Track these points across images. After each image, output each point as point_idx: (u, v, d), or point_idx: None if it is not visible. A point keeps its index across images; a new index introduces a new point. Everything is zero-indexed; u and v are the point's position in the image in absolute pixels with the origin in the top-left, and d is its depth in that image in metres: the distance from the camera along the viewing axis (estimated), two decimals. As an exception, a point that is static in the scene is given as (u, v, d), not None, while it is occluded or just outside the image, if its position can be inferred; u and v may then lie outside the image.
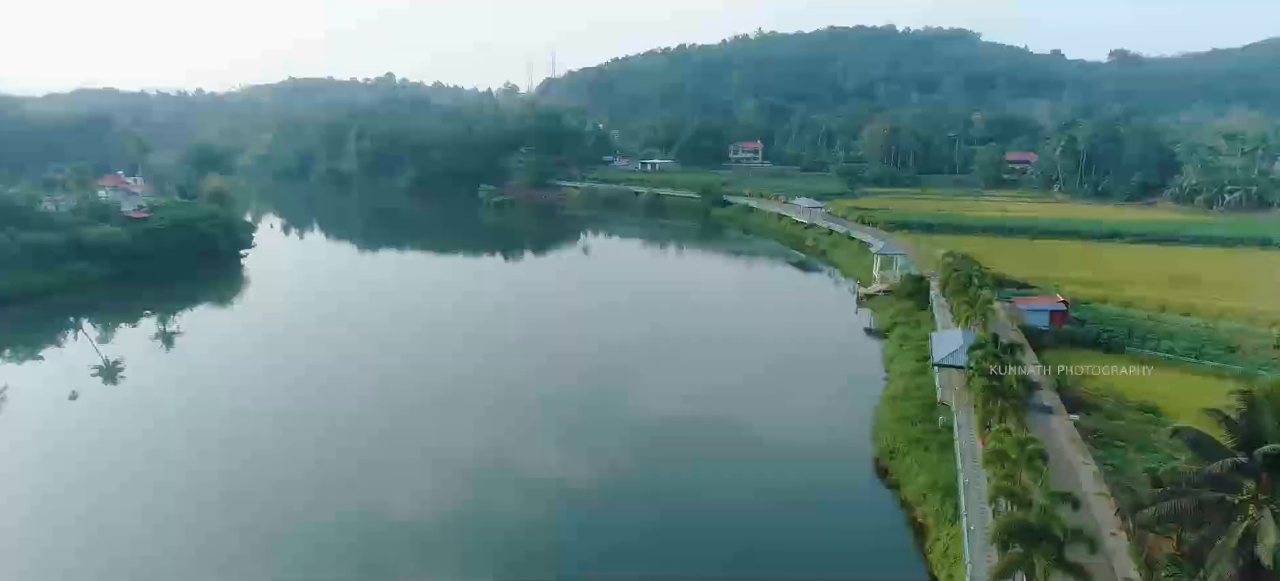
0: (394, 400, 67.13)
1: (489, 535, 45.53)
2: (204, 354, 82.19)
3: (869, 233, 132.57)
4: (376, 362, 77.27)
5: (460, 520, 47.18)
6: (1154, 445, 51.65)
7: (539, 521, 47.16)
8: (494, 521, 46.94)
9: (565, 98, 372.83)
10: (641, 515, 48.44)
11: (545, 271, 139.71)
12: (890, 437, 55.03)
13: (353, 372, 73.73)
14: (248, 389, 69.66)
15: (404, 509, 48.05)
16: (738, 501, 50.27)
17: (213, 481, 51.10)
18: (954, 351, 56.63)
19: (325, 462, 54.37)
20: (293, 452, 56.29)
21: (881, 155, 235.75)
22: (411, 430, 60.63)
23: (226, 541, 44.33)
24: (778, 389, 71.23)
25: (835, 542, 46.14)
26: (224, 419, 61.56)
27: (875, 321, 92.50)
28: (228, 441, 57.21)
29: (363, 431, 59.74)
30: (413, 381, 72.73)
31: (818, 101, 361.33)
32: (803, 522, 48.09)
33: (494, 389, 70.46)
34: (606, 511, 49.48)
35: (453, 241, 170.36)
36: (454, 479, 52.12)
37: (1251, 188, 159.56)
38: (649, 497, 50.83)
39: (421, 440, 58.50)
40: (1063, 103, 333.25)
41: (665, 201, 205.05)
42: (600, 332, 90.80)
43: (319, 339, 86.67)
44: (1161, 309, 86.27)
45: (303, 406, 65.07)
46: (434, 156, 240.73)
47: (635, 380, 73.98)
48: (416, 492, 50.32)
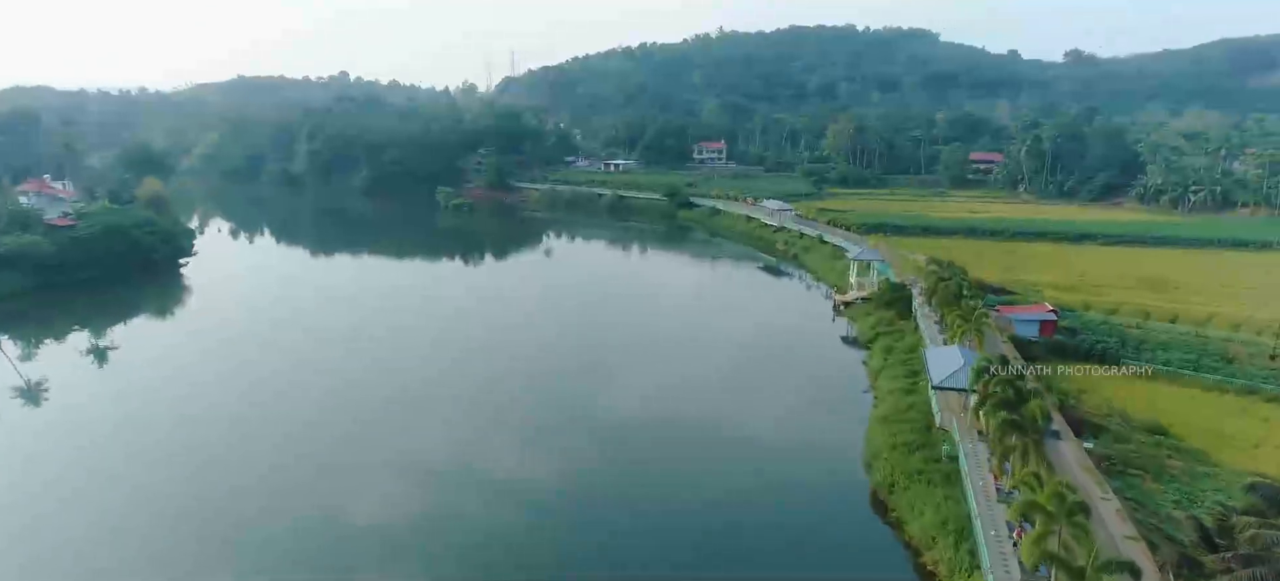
0: (350, 406, 64.55)
1: (454, 538, 44.54)
2: (141, 368, 76.00)
3: (841, 236, 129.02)
4: (330, 369, 73.96)
5: (424, 524, 45.91)
6: (1170, 472, 48.24)
7: (504, 530, 45.72)
8: (458, 524, 46.08)
9: (525, 97, 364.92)
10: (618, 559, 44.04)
11: (506, 277, 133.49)
12: (887, 467, 50.62)
13: (305, 380, 70.73)
14: (191, 401, 65.43)
15: (365, 513, 46.81)
16: (726, 537, 45.79)
17: (159, 494, 48.99)
18: (954, 372, 52.43)
19: (279, 470, 52.39)
20: (243, 461, 53.96)
21: (847, 155, 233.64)
22: (369, 435, 58.52)
23: (178, 552, 42.96)
24: (758, 407, 66.80)
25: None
26: (166, 433, 58.47)
27: (855, 330, 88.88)
28: (172, 454, 54.54)
29: (318, 438, 57.84)
30: (370, 387, 69.56)
31: (779, 101, 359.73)
32: (797, 559, 43.55)
33: (454, 395, 68.24)
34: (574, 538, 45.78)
35: (410, 245, 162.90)
36: (416, 483, 50.78)
37: (1216, 188, 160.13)
38: (623, 535, 46.20)
39: (380, 445, 56.57)
40: (1021, 102, 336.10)
41: (629, 203, 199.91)
42: (566, 343, 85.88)
43: (267, 348, 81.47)
44: (1146, 316, 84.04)
45: (252, 416, 62.03)
46: (389, 157, 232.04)
47: (605, 397, 68.93)
48: (377, 497, 48.95)
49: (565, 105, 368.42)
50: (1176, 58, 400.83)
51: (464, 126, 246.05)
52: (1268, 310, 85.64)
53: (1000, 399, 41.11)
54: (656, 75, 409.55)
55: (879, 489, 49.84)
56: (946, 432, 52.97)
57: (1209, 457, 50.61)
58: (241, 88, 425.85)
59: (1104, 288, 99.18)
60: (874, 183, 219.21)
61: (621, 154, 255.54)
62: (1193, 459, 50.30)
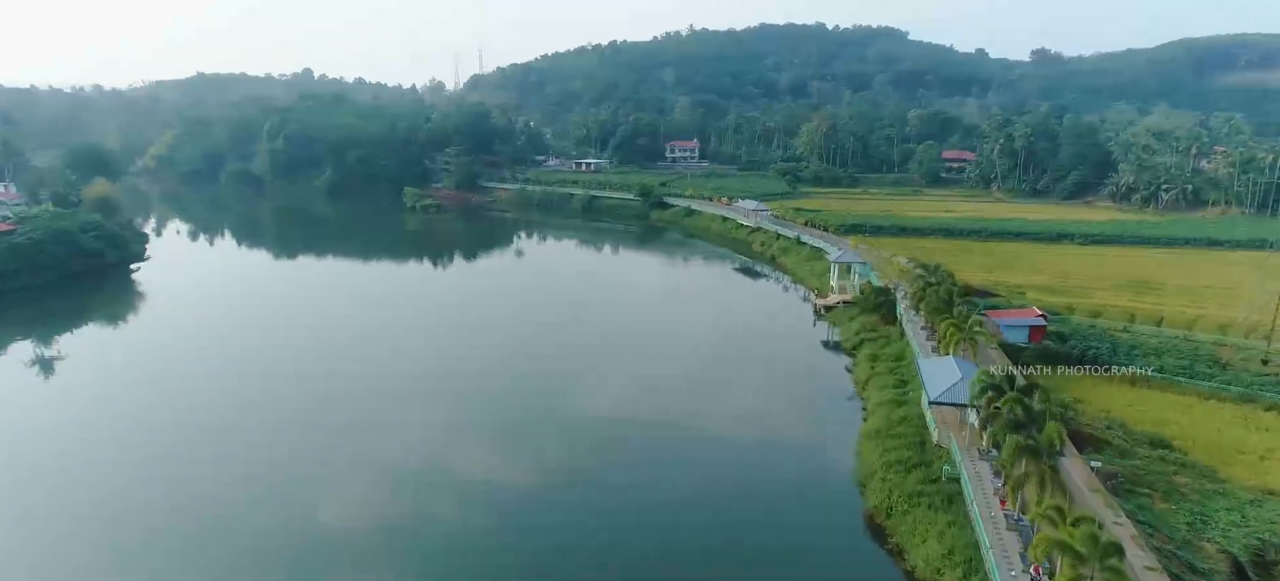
0: (316, 411, 63.21)
1: (423, 542, 44.03)
2: (89, 378, 72.74)
3: (819, 237, 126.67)
4: (295, 375, 72.45)
5: (392, 528, 45.13)
6: (1179, 490, 45.95)
7: (473, 534, 45.46)
8: (428, 529, 45.60)
9: (494, 95, 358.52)
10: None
11: (477, 280, 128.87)
12: (883, 488, 47.79)
13: (268, 387, 68.98)
14: (145, 410, 63.18)
15: (332, 519, 46.13)
16: (718, 561, 43.23)
17: (115, 506, 47.41)
18: (952, 386, 49.68)
19: (242, 479, 50.83)
20: (204, 469, 52.18)
21: (820, 154, 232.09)
22: (336, 440, 57.29)
23: (137, 564, 41.74)
24: (741, 418, 64.00)
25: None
26: (119, 443, 56.59)
27: (838, 335, 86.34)
28: (127, 465, 53.05)
29: (283, 445, 56.50)
30: (336, 391, 68.03)
31: (751, 99, 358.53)
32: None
33: (422, 400, 67.02)
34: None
35: (376, 247, 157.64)
36: (384, 487, 50.00)
37: (1187, 186, 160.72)
38: (600, 553, 44.10)
39: (348, 450, 55.62)
40: (990, 101, 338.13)
41: (602, 204, 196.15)
42: (537, 352, 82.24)
43: (226, 356, 78.28)
44: (1131, 318, 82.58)
45: (212, 423, 60.22)
46: (354, 156, 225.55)
47: (579, 410, 65.74)
48: (345, 502, 48.03)
49: (535, 103, 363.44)
50: (1139, 57, 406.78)
51: (431, 125, 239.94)
52: (1251, 312, 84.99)
53: (1011, 420, 38.23)
54: (627, 73, 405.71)
55: (876, 512, 46.93)
56: (944, 450, 50.35)
57: (1217, 473, 48.49)
58: (201, 85, 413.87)
59: (1087, 289, 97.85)
60: (847, 181, 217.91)
61: (593, 153, 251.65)
62: (1200, 474, 48.12)
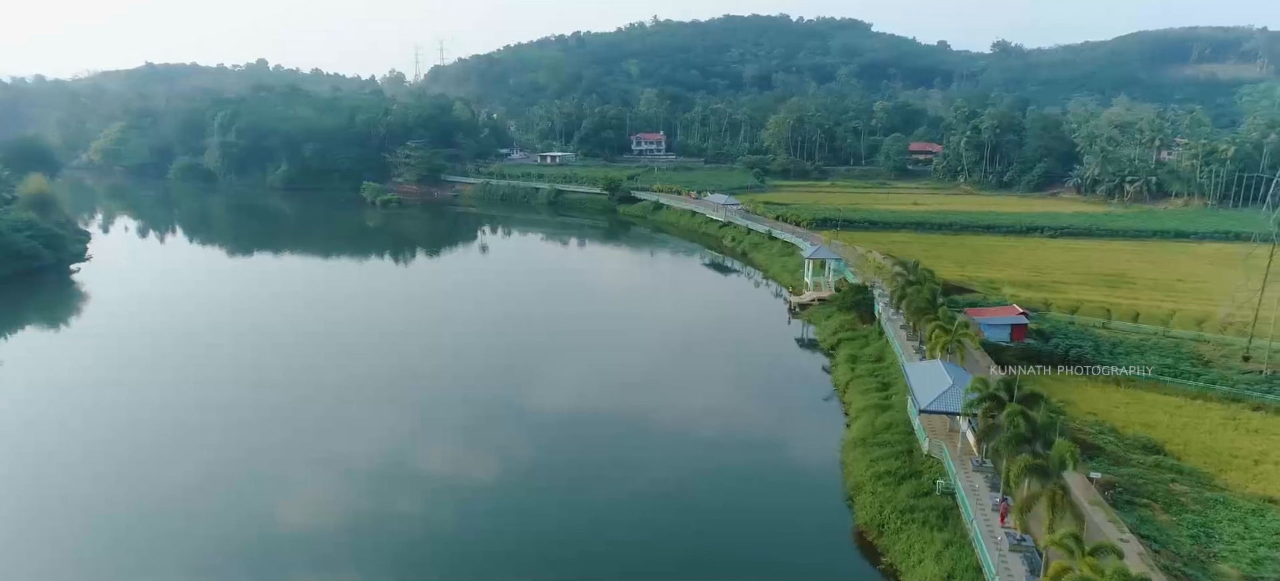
0: (275, 409, 62.15)
1: (388, 542, 43.21)
2: (23, 383, 68.96)
3: (791, 232, 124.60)
4: (254, 374, 70.72)
5: (358, 528, 44.45)
6: (1178, 499, 44.10)
7: (438, 532, 45.06)
8: (395, 527, 44.80)
9: (456, 87, 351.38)
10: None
11: (441, 279, 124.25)
12: (873, 502, 45.29)
13: (222, 390, 66.65)
14: (89, 415, 61.07)
15: (296, 520, 45.30)
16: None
17: (63, 513, 45.93)
18: (943, 393, 47.24)
19: (198, 482, 49.55)
20: (158, 473, 51.01)
21: (788, 146, 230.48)
22: (298, 439, 56.49)
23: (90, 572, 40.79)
24: (718, 424, 61.84)
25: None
26: (63, 448, 54.63)
27: (813, 333, 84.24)
28: (75, 469, 51.28)
29: (242, 445, 55.14)
30: (295, 390, 66.83)
31: (716, 91, 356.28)
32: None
33: (386, 397, 66.07)
34: None
35: (335, 244, 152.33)
36: (348, 486, 49.30)
37: (1151, 178, 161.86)
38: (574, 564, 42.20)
39: (310, 448, 54.81)
40: (953, 92, 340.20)
41: (568, 198, 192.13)
42: (505, 355, 79.15)
43: (176, 358, 75.36)
44: (1108, 314, 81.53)
45: (163, 423, 58.90)
46: (311, 150, 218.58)
47: (550, 410, 63.36)
48: (308, 503, 47.15)
49: (498, 96, 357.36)
50: (1096, 50, 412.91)
51: (391, 117, 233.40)
52: (1234, 308, 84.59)
53: (1016, 435, 35.81)
54: (591, 65, 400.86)
55: (866, 528, 44.39)
56: (935, 461, 48.03)
57: (1213, 480, 46.84)
58: (149, 76, 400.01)
59: (1061, 284, 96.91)
60: (816, 174, 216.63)
61: (558, 146, 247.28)
62: (1197, 482, 46.41)
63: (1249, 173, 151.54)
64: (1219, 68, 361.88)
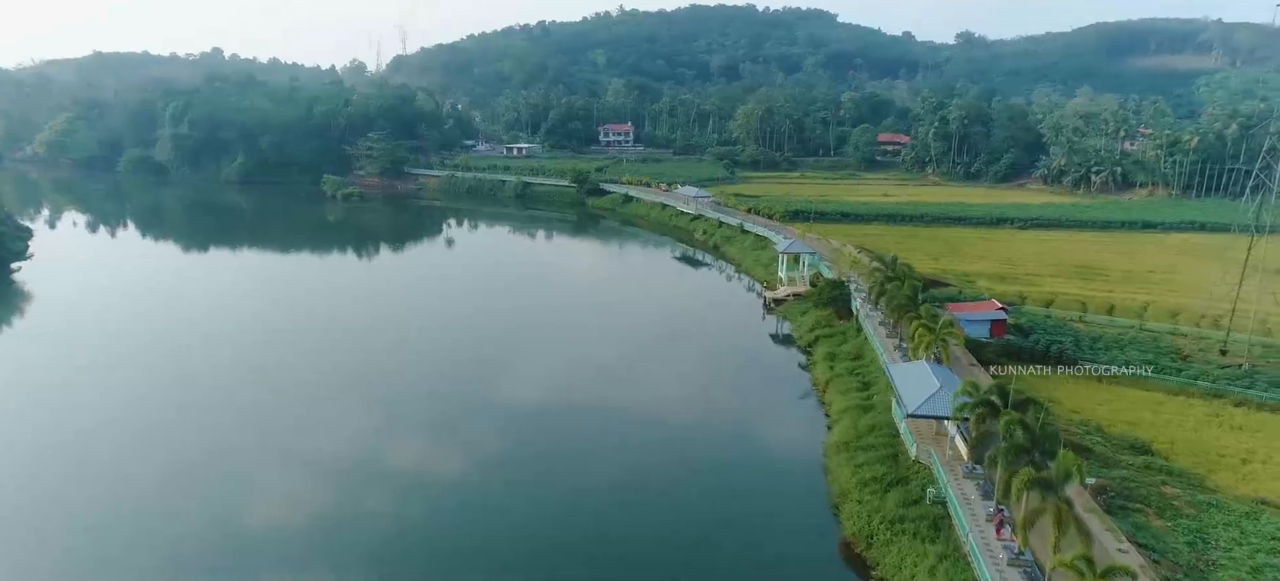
0: (241, 407, 60.58)
1: (359, 539, 42.72)
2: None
3: (763, 225, 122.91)
4: (211, 373, 68.33)
5: (327, 526, 43.95)
6: (1171, 503, 42.95)
7: (409, 528, 44.25)
8: (364, 524, 44.26)
9: (419, 77, 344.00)
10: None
11: (404, 275, 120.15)
12: (861, 512, 43.47)
13: (179, 387, 64.82)
14: (41, 415, 58.99)
15: (263, 518, 44.46)
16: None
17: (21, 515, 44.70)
18: (931, 397, 45.67)
19: (162, 480, 48.49)
20: (118, 472, 49.84)
21: (756, 137, 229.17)
22: (265, 436, 55.24)
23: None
24: (697, 426, 59.89)
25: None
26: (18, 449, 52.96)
27: (790, 330, 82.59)
28: (33, 469, 50.07)
29: (207, 443, 53.73)
30: (261, 386, 65.33)
31: (684, 81, 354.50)
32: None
33: (351, 393, 64.85)
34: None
35: (295, 239, 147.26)
36: (315, 485, 48.29)
37: (1116, 168, 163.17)
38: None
39: (277, 445, 53.87)
40: (918, 83, 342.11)
41: (535, 191, 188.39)
42: (475, 348, 77.40)
43: (131, 356, 72.77)
44: (1083, 307, 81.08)
45: (123, 421, 57.65)
46: (268, 142, 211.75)
47: (522, 417, 60.45)
48: (275, 500, 46.48)
49: (462, 86, 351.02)
50: (1057, 41, 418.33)
51: (351, 108, 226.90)
52: (1197, 297, 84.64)
53: (1015, 446, 34.07)
54: (557, 55, 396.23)
55: (854, 539, 42.55)
56: (923, 467, 46.38)
57: (1204, 480, 45.94)
58: (97, 65, 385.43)
59: (1034, 276, 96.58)
60: (785, 165, 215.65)
61: (525, 138, 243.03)
62: (1188, 483, 45.43)
63: (1212, 163, 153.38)
64: (1176, 59, 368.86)
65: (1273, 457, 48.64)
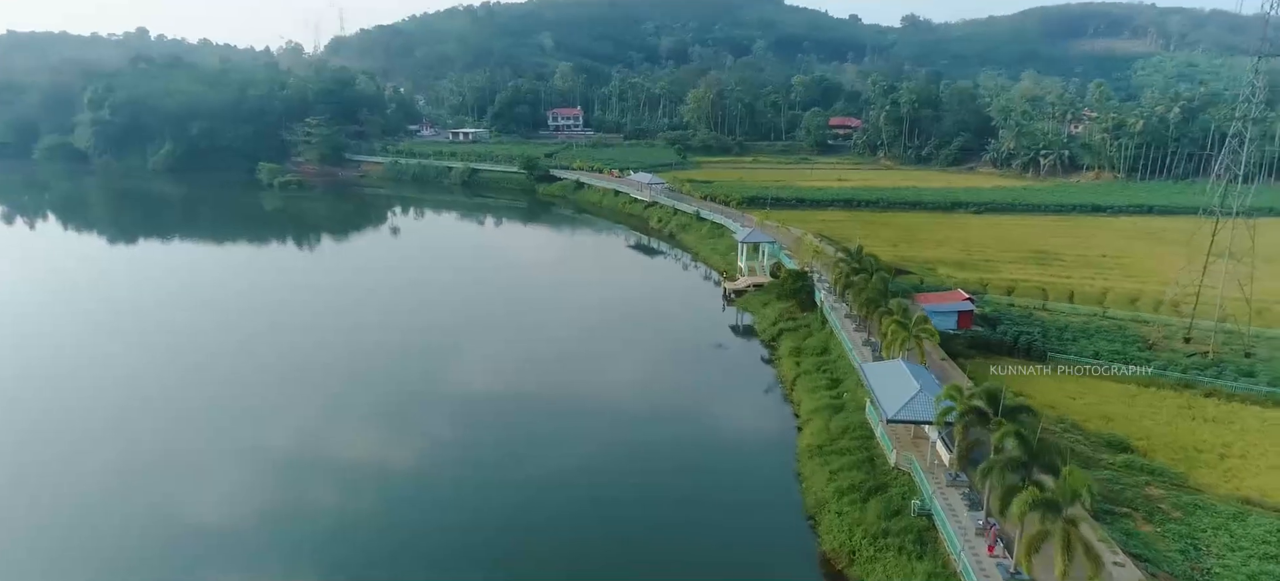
0: (182, 400, 58.76)
1: (308, 534, 42.09)
2: None
3: (719, 212, 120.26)
4: (148, 369, 65.78)
5: (279, 522, 43.07)
6: (1157, 506, 41.41)
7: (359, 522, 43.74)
8: (313, 519, 43.44)
9: (358, 59, 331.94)
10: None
11: (349, 263, 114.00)
12: (841, 525, 40.95)
13: (118, 381, 62.88)
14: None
15: (208, 513, 43.23)
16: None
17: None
18: (911, 400, 43.28)
19: (99, 474, 47.27)
20: (53, 468, 48.18)
21: (708, 121, 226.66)
22: (209, 430, 53.55)
23: None
24: (660, 427, 56.93)
25: None
26: None
27: (750, 320, 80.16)
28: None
29: (145, 437, 52.34)
30: (204, 380, 63.23)
31: (633, 64, 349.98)
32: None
33: (297, 387, 63.04)
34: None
35: (231, 230, 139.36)
36: (263, 480, 47.01)
37: (1064, 151, 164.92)
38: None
39: (222, 439, 52.21)
40: (866, 66, 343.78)
41: (483, 177, 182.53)
42: (424, 335, 75.02)
43: (54, 353, 69.46)
44: (1044, 294, 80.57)
45: (55, 418, 55.30)
46: (197, 128, 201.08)
47: (472, 413, 58.01)
48: (220, 494, 45.08)
49: (404, 69, 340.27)
50: (1000, 24, 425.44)
51: (287, 92, 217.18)
52: (1157, 284, 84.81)
53: (1011, 460, 31.67)
54: (502, 37, 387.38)
55: (834, 555, 39.99)
56: (903, 473, 44.05)
57: (1186, 479, 44.64)
58: (9, 44, 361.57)
59: (992, 262, 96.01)
60: (737, 150, 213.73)
61: (471, 122, 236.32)
62: (1171, 483, 44.05)
63: (1155, 146, 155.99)
64: (1114, 43, 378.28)
65: (1249, 452, 47.74)
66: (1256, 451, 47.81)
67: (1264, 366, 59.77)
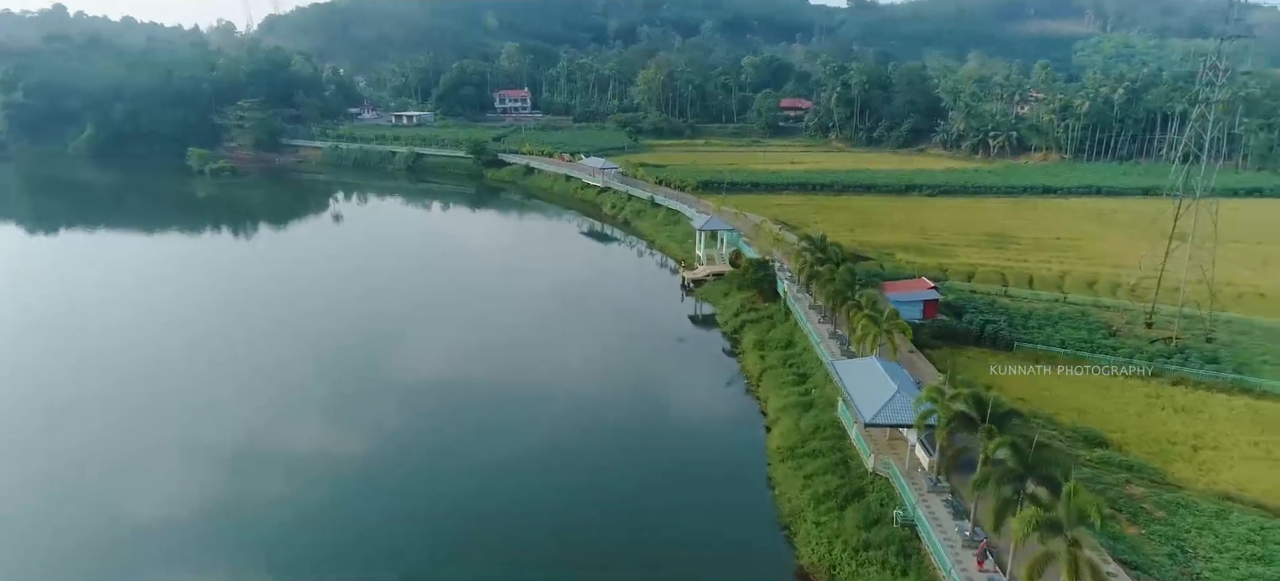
0: (117, 393, 57.25)
1: (253, 529, 41.05)
2: None
3: (675, 197, 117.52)
4: (83, 363, 63.31)
5: (223, 516, 42.00)
6: (1139, 505, 40.24)
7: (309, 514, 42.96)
8: (256, 513, 42.44)
9: (294, 39, 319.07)
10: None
11: (289, 253, 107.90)
12: (819, 537, 38.88)
13: (48, 381, 59.77)
14: None
15: (150, 509, 42.02)
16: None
17: None
18: (889, 402, 41.24)
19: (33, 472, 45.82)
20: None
21: (659, 103, 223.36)
22: (149, 423, 52.11)
23: None
24: (624, 424, 54.56)
25: None
26: None
27: (709, 309, 77.84)
28: None
29: (77, 431, 50.64)
30: (145, 372, 61.29)
31: (581, 45, 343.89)
32: None
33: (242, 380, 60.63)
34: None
35: (160, 220, 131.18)
36: (207, 476, 45.78)
37: (1012, 133, 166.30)
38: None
39: (161, 432, 50.83)
40: (814, 47, 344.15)
41: (429, 162, 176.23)
42: (370, 323, 72.06)
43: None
44: (1004, 279, 79.91)
45: None
46: (122, 112, 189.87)
47: (419, 412, 54.90)
48: (163, 490, 43.94)
49: (343, 49, 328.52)
50: (947, 5, 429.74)
51: (218, 74, 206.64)
52: (1106, 264, 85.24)
53: (1009, 472, 29.65)
54: (446, 16, 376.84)
55: (812, 570, 37.84)
56: (881, 478, 42.08)
57: (1165, 475, 43.71)
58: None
59: (950, 246, 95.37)
60: (689, 133, 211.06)
61: (414, 105, 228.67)
62: (1150, 480, 43.05)
63: (1100, 127, 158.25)
64: (1054, 24, 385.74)
65: (1221, 443, 47.17)
66: (1228, 441, 47.28)
67: (1226, 351, 59.78)
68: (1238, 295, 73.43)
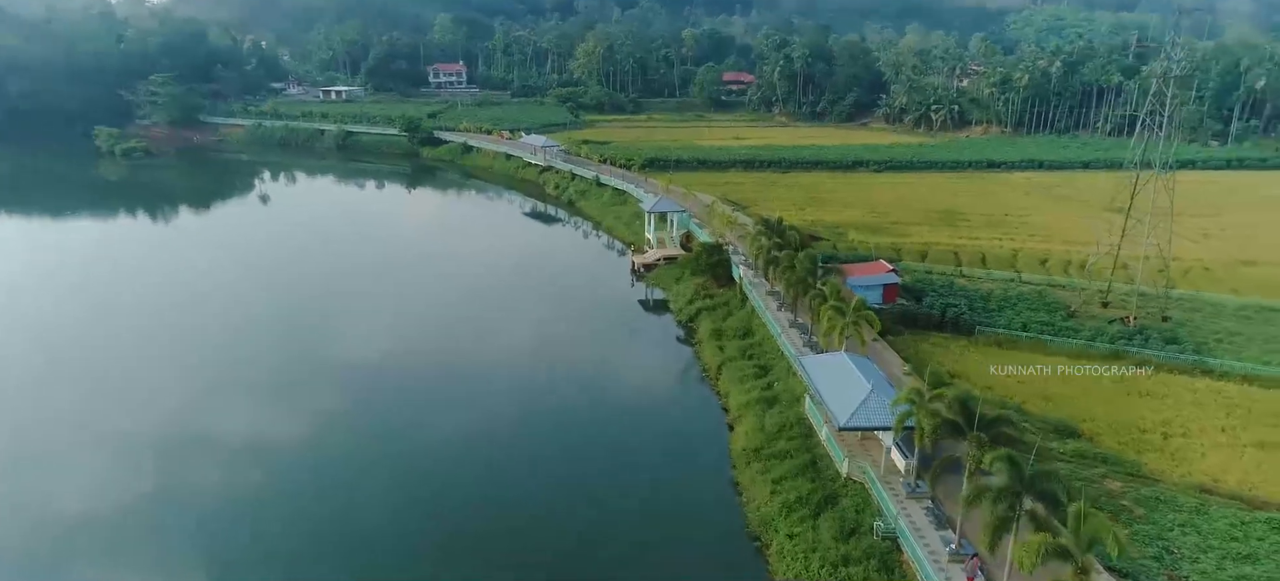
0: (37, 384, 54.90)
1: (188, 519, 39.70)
2: None
3: (620, 176, 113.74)
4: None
5: (156, 506, 40.77)
6: (1118, 501, 38.72)
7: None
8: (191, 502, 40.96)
9: (212, 9, 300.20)
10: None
11: (210, 240, 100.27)
12: (794, 551, 36.36)
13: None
14: None
15: (76, 503, 40.83)
16: None
17: None
18: (863, 403, 38.73)
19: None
20: None
21: (599, 77, 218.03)
22: (71, 414, 49.94)
23: None
24: (576, 426, 50.99)
25: None
26: None
27: (664, 298, 74.69)
28: None
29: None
30: (64, 363, 58.55)
31: (517, 16, 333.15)
32: None
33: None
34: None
35: (66, 203, 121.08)
36: (137, 465, 44.34)
37: (954, 106, 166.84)
38: None
39: (84, 423, 48.89)
40: (754, 19, 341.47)
41: (360, 140, 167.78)
42: (299, 332, 65.03)
43: None
44: (958, 260, 78.90)
45: None
46: (18, 88, 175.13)
47: (356, 412, 50.73)
48: (88, 482, 42.71)
49: (265, 20, 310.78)
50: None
51: (127, 47, 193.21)
52: (1056, 241, 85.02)
53: (1006, 490, 27.24)
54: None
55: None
56: (855, 484, 39.65)
57: (1140, 466, 42.46)
58: None
59: (901, 225, 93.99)
60: (631, 108, 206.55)
61: (343, 79, 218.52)
62: (1126, 473, 41.70)
63: (1039, 100, 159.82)
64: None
65: (1190, 430, 46.27)
66: (1196, 428, 46.37)
67: (1183, 330, 59.38)
68: (1185, 270, 73.55)
